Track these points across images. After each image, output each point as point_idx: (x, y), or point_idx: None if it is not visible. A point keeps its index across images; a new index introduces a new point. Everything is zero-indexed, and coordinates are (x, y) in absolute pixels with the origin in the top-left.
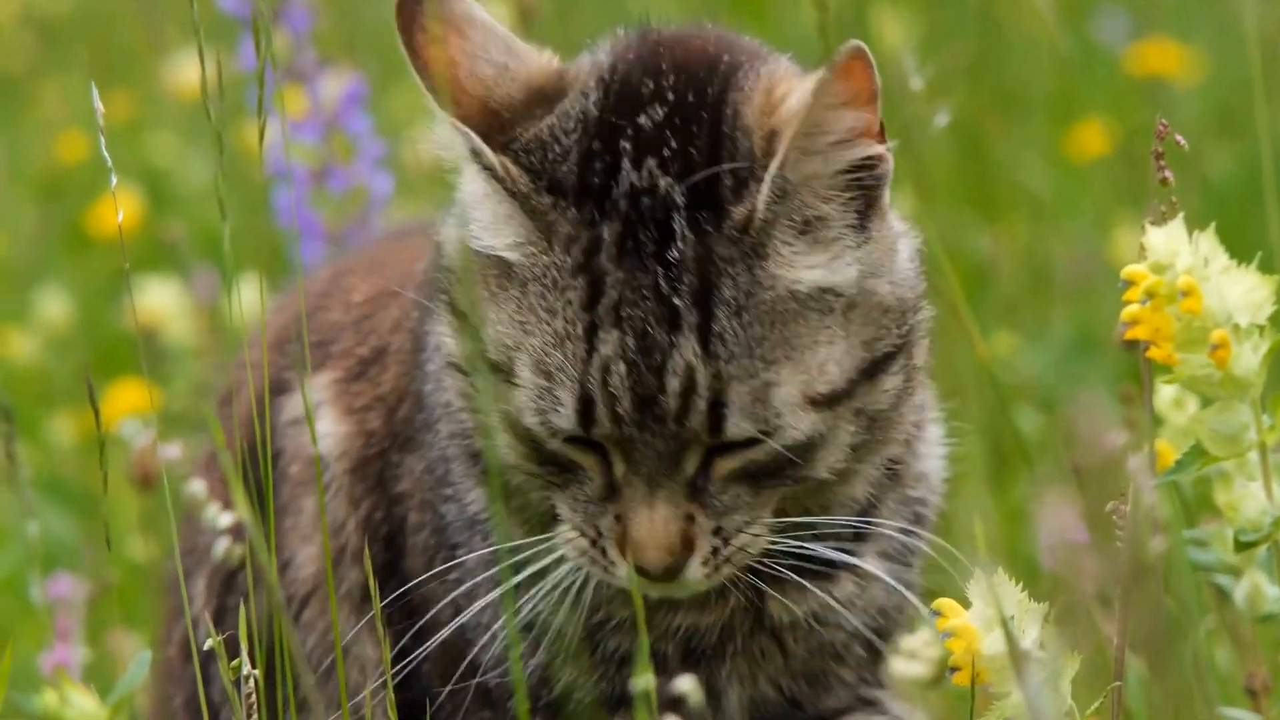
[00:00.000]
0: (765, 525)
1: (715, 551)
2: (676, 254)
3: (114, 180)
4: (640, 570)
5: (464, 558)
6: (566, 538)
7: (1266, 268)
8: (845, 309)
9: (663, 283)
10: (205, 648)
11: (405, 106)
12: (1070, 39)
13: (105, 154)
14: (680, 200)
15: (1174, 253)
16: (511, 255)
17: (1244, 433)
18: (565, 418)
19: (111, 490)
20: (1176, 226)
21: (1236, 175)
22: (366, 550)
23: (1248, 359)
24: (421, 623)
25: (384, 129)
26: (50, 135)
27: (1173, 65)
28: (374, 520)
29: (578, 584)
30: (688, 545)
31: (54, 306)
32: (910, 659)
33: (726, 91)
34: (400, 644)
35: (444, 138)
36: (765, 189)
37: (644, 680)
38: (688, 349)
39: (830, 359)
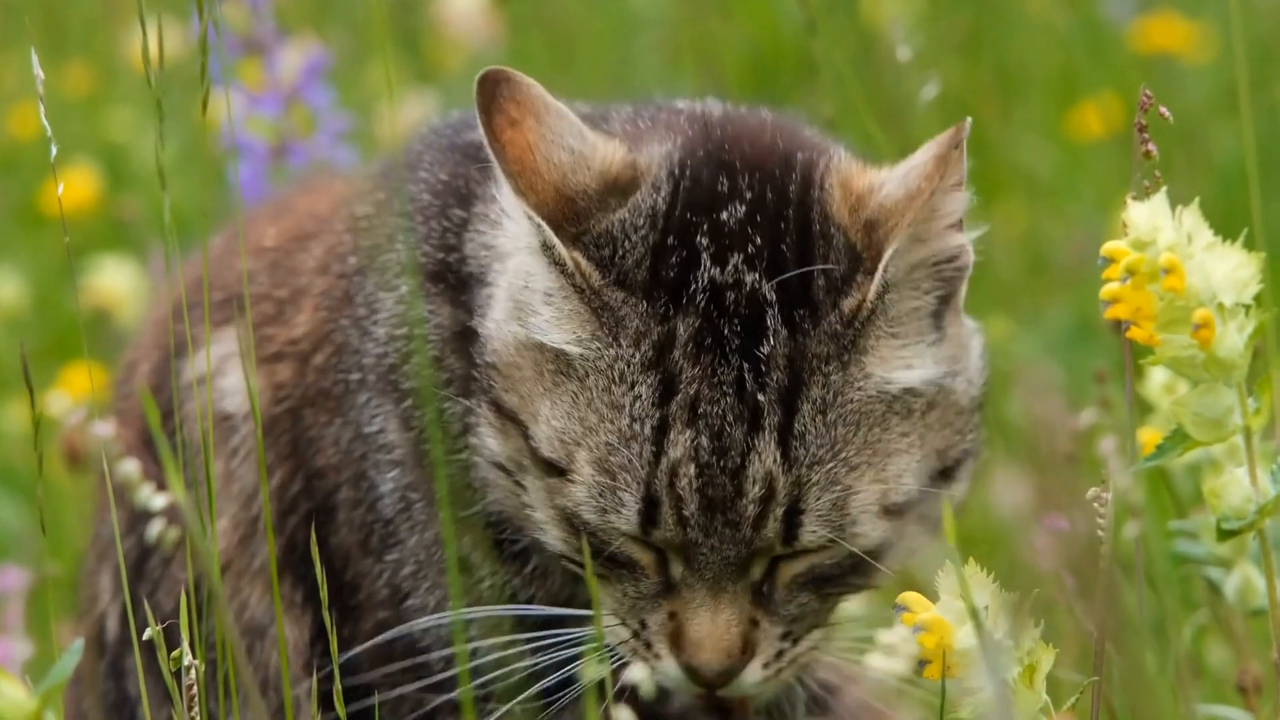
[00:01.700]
0: (831, 633)
1: (780, 655)
2: (767, 349)
3: (54, 150)
4: (692, 670)
5: (405, 538)
6: (607, 625)
7: (1254, 245)
8: (924, 410)
9: (748, 379)
10: (145, 637)
11: (378, 81)
12: (1072, 14)
13: (45, 122)
14: (772, 296)
15: (1156, 229)
16: (573, 349)
17: (1228, 416)
18: (626, 519)
19: (62, 479)
20: (1159, 202)
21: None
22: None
23: (1232, 340)
24: (352, 602)
25: (356, 104)
26: (3, 110)
27: (1180, 42)
28: (290, 492)
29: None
30: (748, 649)
31: (6, 287)
32: (889, 654)
33: (808, 189)
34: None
35: (510, 222)
36: (878, 278)
37: (594, 671)
38: (767, 454)
39: (908, 468)
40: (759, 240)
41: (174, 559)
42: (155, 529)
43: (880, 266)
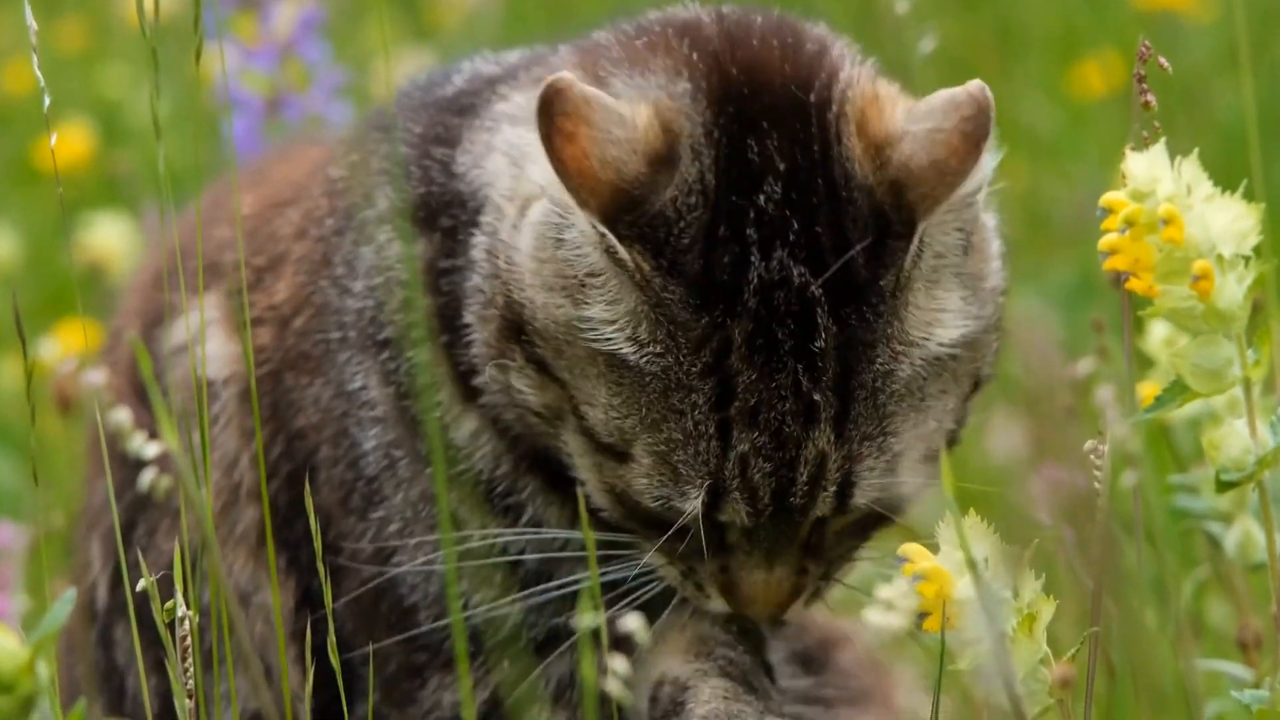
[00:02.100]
0: (857, 560)
1: (817, 591)
2: (820, 345)
3: (47, 101)
4: (741, 615)
5: (390, 495)
6: (657, 562)
7: (1254, 197)
8: (954, 363)
9: (803, 380)
10: (139, 588)
11: (374, 38)
12: None
13: (38, 73)
14: (819, 294)
15: (1155, 180)
16: (629, 350)
17: (1227, 368)
18: (690, 504)
19: (56, 435)
20: (1158, 153)
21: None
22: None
23: (1231, 291)
24: (334, 563)
25: (352, 60)
26: None
27: (1182, 0)
28: (271, 455)
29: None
30: (796, 594)
31: (1, 244)
32: (886, 610)
33: (829, 148)
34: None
35: (579, 239)
36: (913, 249)
37: (589, 619)
38: (822, 439)
39: (945, 413)
40: (797, 225)
41: (160, 528)
42: (147, 478)
43: (916, 237)
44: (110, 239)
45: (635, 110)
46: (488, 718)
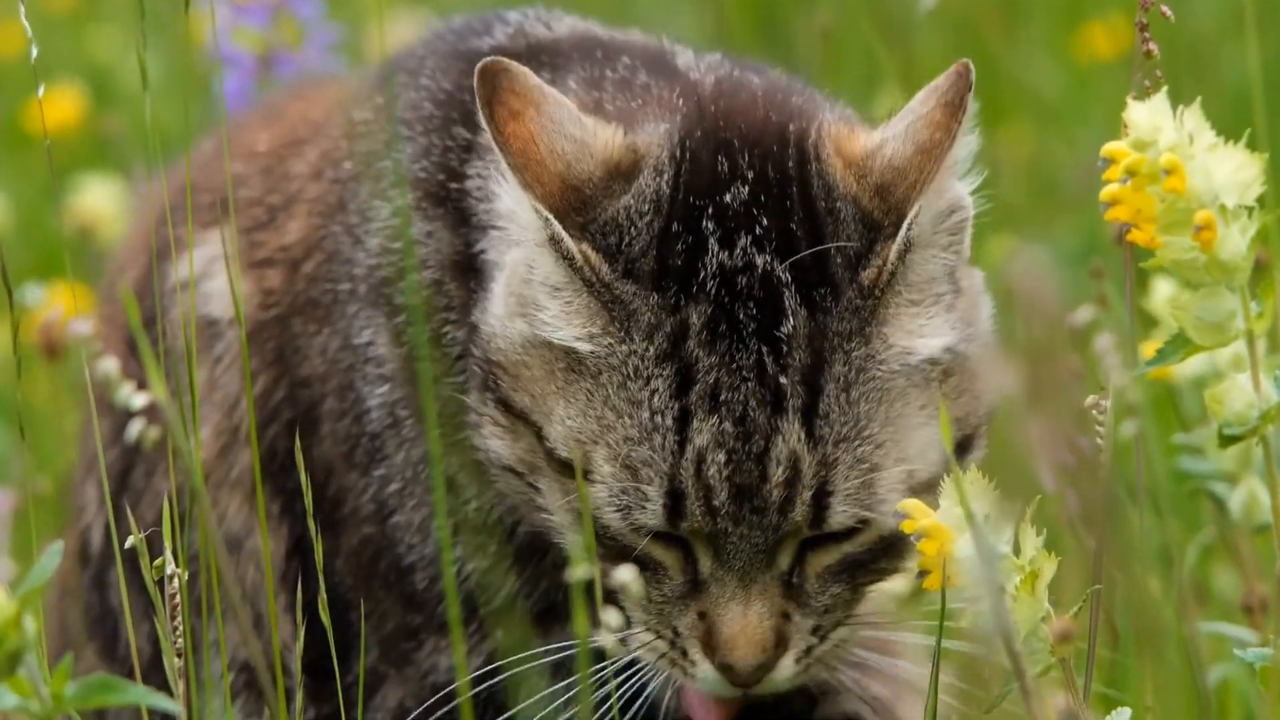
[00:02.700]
0: (858, 628)
1: (809, 650)
2: (787, 329)
3: (35, 52)
4: (727, 668)
5: (392, 454)
6: (641, 640)
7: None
8: (941, 379)
9: (768, 361)
10: (127, 546)
11: None
12: None
13: (24, 22)
14: (788, 277)
15: (1157, 129)
16: (584, 346)
17: (1230, 320)
18: (652, 514)
19: (52, 400)
20: (1160, 102)
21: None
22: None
23: (1234, 242)
24: (335, 516)
25: (345, 18)
26: None
27: None
28: (273, 400)
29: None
30: (781, 643)
31: None
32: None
33: (805, 164)
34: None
35: (514, 215)
36: (900, 239)
37: (582, 570)
38: (792, 434)
39: (931, 442)
40: (765, 221)
41: (157, 470)
42: (135, 428)
43: (904, 227)
44: (100, 202)
45: (601, 128)
46: (483, 684)
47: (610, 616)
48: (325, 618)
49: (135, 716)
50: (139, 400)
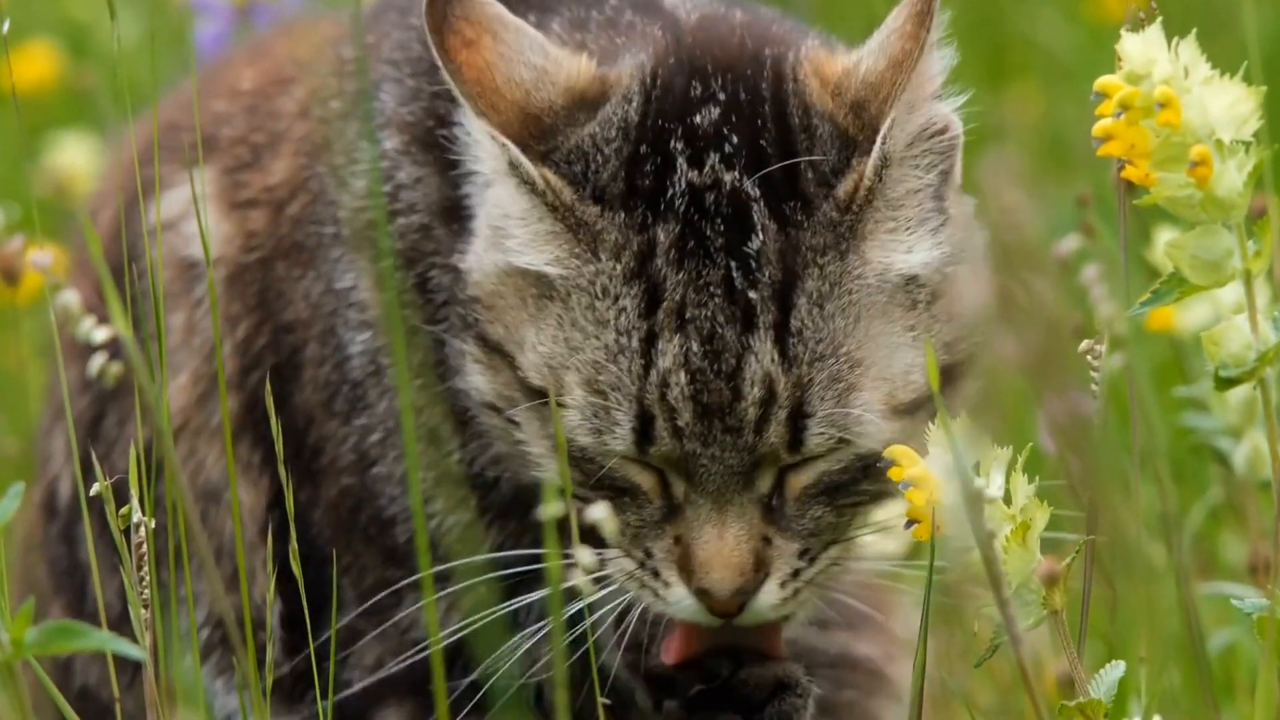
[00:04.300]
0: (853, 548)
1: (796, 574)
2: (757, 245)
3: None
4: (704, 593)
5: (374, 402)
6: (618, 565)
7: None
8: (928, 301)
9: (737, 276)
10: (93, 493)
11: None
12: None
13: None
14: (756, 192)
15: (1151, 61)
16: (552, 270)
17: (1226, 259)
18: (621, 437)
19: (23, 365)
20: (1154, 33)
21: (1275, 36)
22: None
23: (1231, 178)
24: (315, 465)
25: None
26: None
27: None
28: (255, 346)
29: None
30: (760, 567)
31: None
32: (881, 532)
33: (781, 84)
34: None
35: (477, 146)
36: (875, 153)
37: (553, 509)
38: (764, 353)
39: (915, 364)
40: (735, 139)
41: (129, 419)
42: (96, 363)
43: (879, 140)
44: (76, 159)
45: (572, 58)
46: (462, 641)
47: (584, 556)
48: (296, 568)
49: (102, 672)
50: (100, 334)
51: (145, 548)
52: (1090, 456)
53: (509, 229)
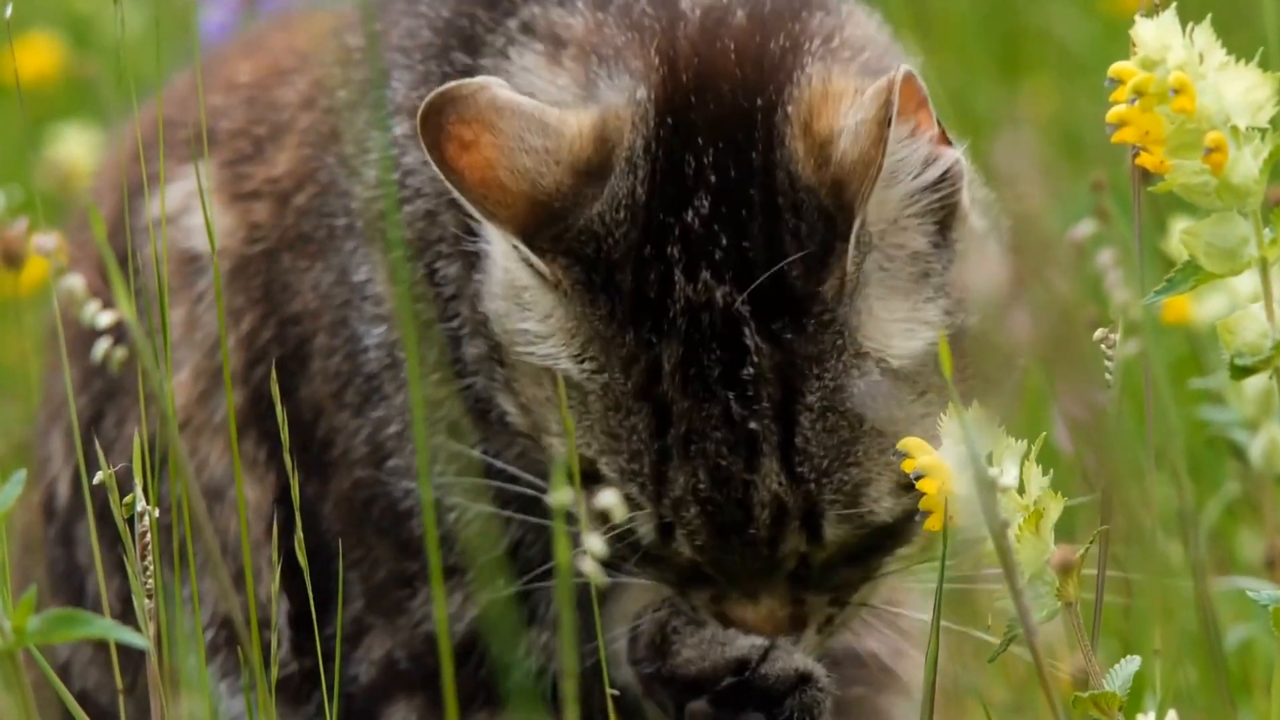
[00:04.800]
0: (879, 584)
1: (830, 620)
2: (751, 371)
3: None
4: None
5: (391, 394)
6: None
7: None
8: (937, 364)
9: (735, 407)
10: (96, 481)
11: None
12: None
13: None
14: (746, 310)
15: (1165, 47)
16: (570, 368)
17: (1242, 247)
18: (646, 534)
19: (26, 357)
20: (1169, 19)
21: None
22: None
23: (1246, 165)
24: (325, 458)
25: None
26: None
27: None
28: (260, 339)
29: None
30: (798, 624)
31: None
32: None
33: (771, 152)
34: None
35: (500, 251)
36: (850, 250)
37: (562, 495)
38: (771, 478)
39: (925, 435)
40: (724, 240)
41: (129, 418)
42: (100, 347)
43: (853, 235)
44: (78, 151)
45: (570, 119)
46: (476, 636)
47: (594, 543)
48: (302, 559)
49: (100, 676)
50: (105, 318)
51: (149, 538)
52: (1105, 448)
53: (522, 314)
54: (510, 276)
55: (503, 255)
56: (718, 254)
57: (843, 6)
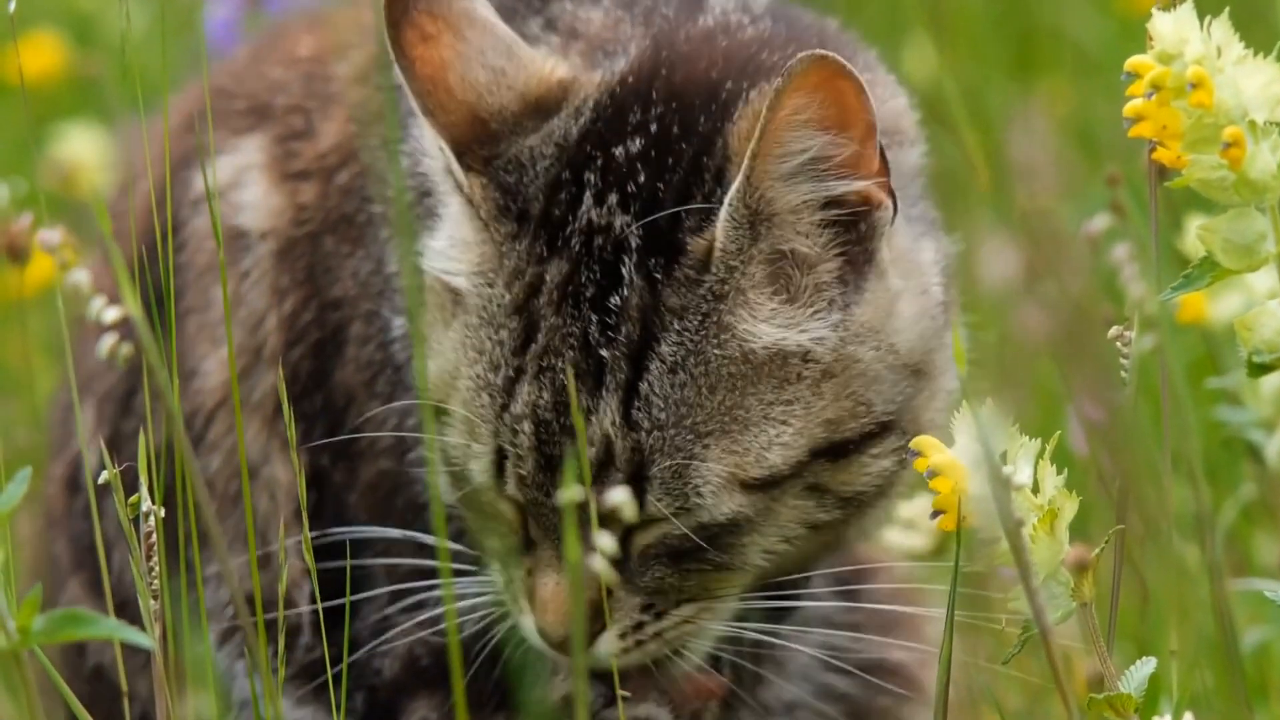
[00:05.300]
0: (715, 609)
1: (640, 626)
2: (618, 301)
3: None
4: (543, 631)
5: (413, 386)
6: (495, 575)
7: None
8: (817, 379)
9: (594, 331)
10: (100, 481)
11: None
12: None
13: None
14: (634, 241)
15: (1183, 41)
16: (462, 283)
17: (1260, 242)
18: (480, 471)
19: (30, 360)
20: (1186, 11)
21: None
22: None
23: (1264, 160)
24: (354, 447)
25: None
26: None
27: None
28: (301, 321)
29: None
30: (597, 617)
31: None
32: (907, 529)
33: (720, 122)
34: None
35: (428, 146)
36: (723, 213)
37: (571, 493)
38: (606, 415)
39: (776, 440)
40: (643, 179)
41: (155, 404)
42: (105, 343)
43: (727, 199)
44: (81, 150)
45: (541, 61)
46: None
47: (603, 541)
48: (309, 558)
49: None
50: (111, 314)
51: (155, 538)
52: (1121, 449)
53: (444, 230)
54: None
55: (435, 173)
56: (630, 187)
57: (859, 56)
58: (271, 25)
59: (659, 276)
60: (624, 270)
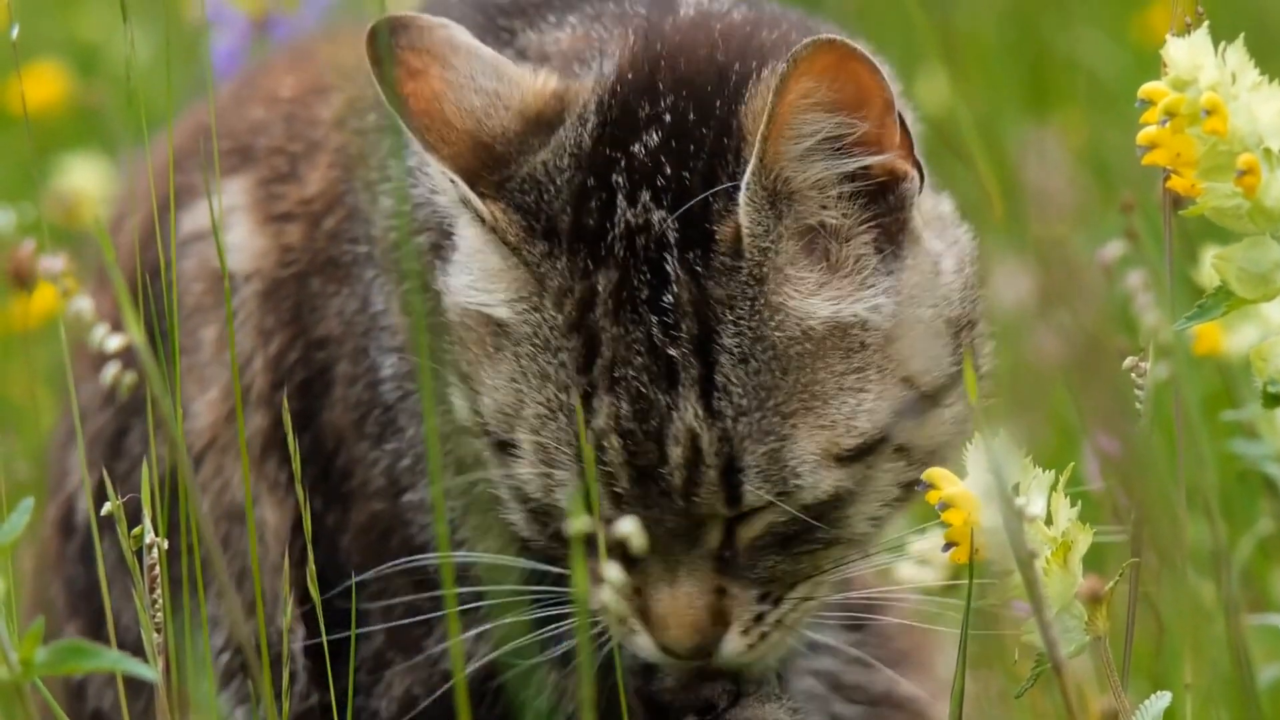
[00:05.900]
0: (826, 582)
1: (760, 618)
2: (671, 299)
3: (15, 28)
4: (665, 648)
5: (405, 426)
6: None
7: None
8: (883, 344)
9: (657, 333)
10: (103, 513)
11: None
12: None
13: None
14: (672, 235)
15: (1197, 67)
16: (503, 313)
17: (1275, 272)
18: (567, 498)
19: (31, 393)
20: (1201, 38)
21: None
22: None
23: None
24: (344, 488)
25: None
26: None
27: None
28: (287, 361)
29: None
30: (720, 620)
31: None
32: (921, 564)
33: (734, 103)
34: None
35: (437, 180)
36: (743, 197)
37: (581, 522)
38: (688, 410)
39: (860, 408)
40: (669, 170)
41: (156, 434)
42: (109, 372)
43: (744, 180)
44: (85, 181)
45: (530, 75)
46: (493, 674)
47: (611, 572)
48: (314, 593)
49: (117, 697)
50: (114, 342)
51: (158, 570)
52: (1136, 482)
53: (468, 265)
54: (462, 236)
55: (450, 206)
56: (659, 180)
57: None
58: (251, 63)
59: (700, 269)
60: (668, 267)
